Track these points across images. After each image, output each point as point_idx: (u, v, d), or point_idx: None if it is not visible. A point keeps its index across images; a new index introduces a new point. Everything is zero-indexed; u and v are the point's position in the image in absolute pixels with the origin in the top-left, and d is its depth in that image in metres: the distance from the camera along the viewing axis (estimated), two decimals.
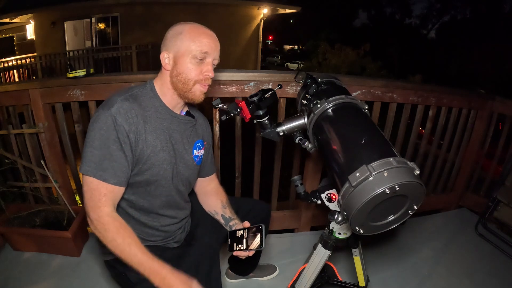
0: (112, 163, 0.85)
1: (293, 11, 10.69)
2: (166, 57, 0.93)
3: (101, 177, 0.84)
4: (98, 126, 0.85)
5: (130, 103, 0.89)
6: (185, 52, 0.91)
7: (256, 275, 1.58)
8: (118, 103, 0.87)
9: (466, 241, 1.98)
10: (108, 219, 0.84)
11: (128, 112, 0.87)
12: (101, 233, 0.84)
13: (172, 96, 0.97)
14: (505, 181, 1.90)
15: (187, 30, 0.92)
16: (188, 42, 0.91)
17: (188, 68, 0.92)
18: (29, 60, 7.55)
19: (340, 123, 0.88)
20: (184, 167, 1.02)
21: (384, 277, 1.63)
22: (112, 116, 0.85)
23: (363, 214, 0.68)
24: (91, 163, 0.85)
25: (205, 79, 0.95)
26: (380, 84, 1.76)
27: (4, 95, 1.64)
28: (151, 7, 8.03)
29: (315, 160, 1.75)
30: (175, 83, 0.94)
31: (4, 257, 1.65)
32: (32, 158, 1.72)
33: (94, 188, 0.85)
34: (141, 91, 0.96)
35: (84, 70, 1.55)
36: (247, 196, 1.88)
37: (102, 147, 0.85)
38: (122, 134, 0.86)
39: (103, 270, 1.57)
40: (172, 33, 0.93)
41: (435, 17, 20.68)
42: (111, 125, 0.85)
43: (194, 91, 0.95)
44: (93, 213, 0.84)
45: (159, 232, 1.03)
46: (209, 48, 0.92)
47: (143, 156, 0.91)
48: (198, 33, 0.92)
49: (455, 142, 2.15)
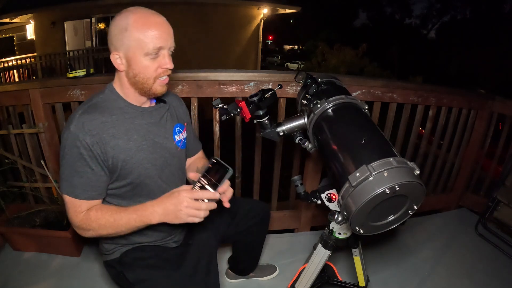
0: (79, 179, 0.86)
1: (293, 11, 10.68)
2: (117, 58, 0.87)
3: (73, 194, 0.87)
4: (62, 146, 0.86)
5: (90, 115, 0.86)
6: (136, 50, 0.83)
7: (256, 275, 1.58)
8: (76, 119, 0.84)
9: (466, 241, 1.98)
10: (85, 217, 0.87)
11: (88, 124, 0.84)
12: (89, 231, 0.88)
13: (134, 95, 0.93)
14: (505, 181, 1.90)
15: (132, 24, 0.82)
16: (136, 37, 0.82)
17: (144, 66, 0.86)
18: (29, 60, 7.56)
19: (340, 123, 0.88)
20: (170, 157, 1.00)
21: (384, 277, 1.63)
22: (72, 134, 0.83)
23: (363, 214, 0.68)
24: (63, 181, 0.87)
25: (164, 72, 0.89)
26: (380, 84, 1.76)
27: (4, 95, 1.64)
28: (151, 7, 7.86)
29: (315, 160, 1.75)
30: (134, 83, 0.89)
31: (4, 257, 1.65)
32: (32, 158, 1.72)
33: (69, 202, 0.88)
34: (101, 97, 0.92)
35: (84, 70, 1.55)
36: (247, 196, 1.88)
37: (68, 165, 0.85)
38: (86, 149, 0.83)
39: (103, 270, 1.57)
40: (116, 30, 0.84)
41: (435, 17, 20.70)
42: (72, 143, 0.83)
43: (156, 88, 0.90)
44: (74, 221, 0.88)
45: (157, 233, 1.03)
46: (162, 41, 0.84)
47: (117, 163, 0.88)
48: (145, 25, 0.82)
49: (455, 142, 2.15)
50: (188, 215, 0.81)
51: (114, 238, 0.99)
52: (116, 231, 0.87)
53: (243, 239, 1.33)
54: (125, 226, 0.86)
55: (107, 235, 0.89)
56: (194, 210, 0.80)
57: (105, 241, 1.02)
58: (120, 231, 0.87)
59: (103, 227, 0.86)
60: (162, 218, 0.83)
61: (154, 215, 0.83)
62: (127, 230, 0.87)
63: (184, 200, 0.80)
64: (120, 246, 1.01)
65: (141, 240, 1.01)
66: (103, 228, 0.86)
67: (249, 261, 1.51)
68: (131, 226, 0.86)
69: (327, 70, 10.70)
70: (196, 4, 8.20)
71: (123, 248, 1.01)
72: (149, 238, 1.02)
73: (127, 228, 0.86)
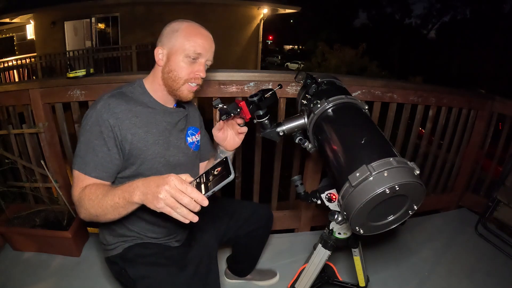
0: (94, 157, 0.87)
1: (293, 11, 10.69)
2: (160, 53, 0.95)
3: (83, 170, 0.87)
4: (84, 123, 0.89)
5: (117, 99, 0.91)
6: (179, 50, 0.93)
7: (254, 278, 1.57)
8: (104, 100, 0.90)
9: (466, 241, 1.98)
10: (82, 192, 0.85)
11: (114, 107, 0.89)
12: (81, 209, 0.84)
13: (162, 93, 0.99)
14: (505, 181, 1.90)
15: (183, 28, 0.93)
16: (183, 40, 0.92)
17: (180, 66, 0.93)
18: (29, 60, 7.55)
19: (340, 123, 0.88)
20: (182, 156, 1.04)
21: (384, 277, 1.63)
22: (97, 112, 0.88)
23: (363, 214, 0.68)
24: (78, 157, 0.88)
25: (195, 79, 0.96)
26: (380, 84, 1.76)
27: (4, 95, 1.64)
28: (151, 7, 8.03)
29: (315, 160, 1.75)
30: (166, 79, 0.96)
31: (4, 257, 1.65)
32: (32, 158, 1.72)
33: (76, 177, 0.88)
34: (129, 89, 0.98)
35: (84, 70, 1.55)
36: (247, 196, 1.88)
37: (86, 142, 0.88)
38: (107, 129, 0.87)
39: (103, 270, 1.57)
40: (168, 29, 0.95)
41: (435, 17, 20.71)
42: (95, 121, 0.87)
43: (183, 90, 0.97)
44: (73, 195, 0.87)
45: (160, 229, 1.03)
46: (203, 49, 0.94)
47: (133, 150, 0.92)
48: (193, 33, 0.93)
49: (455, 142, 2.15)
50: (165, 201, 0.70)
51: (117, 230, 1.00)
52: (102, 210, 0.79)
53: (244, 242, 1.34)
54: (110, 203, 0.78)
55: (95, 217, 0.82)
56: (173, 200, 0.70)
57: (108, 233, 1.03)
58: (106, 211, 0.79)
59: (91, 203, 0.81)
60: (142, 197, 0.73)
61: (136, 191, 0.74)
62: (113, 211, 0.78)
63: (170, 183, 0.70)
64: (122, 242, 1.01)
65: (144, 235, 1.02)
66: (91, 205, 0.81)
67: (247, 262, 1.51)
68: (115, 204, 0.77)
69: (327, 70, 10.71)
70: (196, 4, 8.21)
71: (125, 243, 1.01)
72: (152, 234, 1.03)
73: (112, 206, 0.78)
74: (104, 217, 0.81)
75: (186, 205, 0.70)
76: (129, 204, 0.76)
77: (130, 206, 0.77)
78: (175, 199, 0.70)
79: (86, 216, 0.84)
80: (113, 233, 1.02)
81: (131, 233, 1.01)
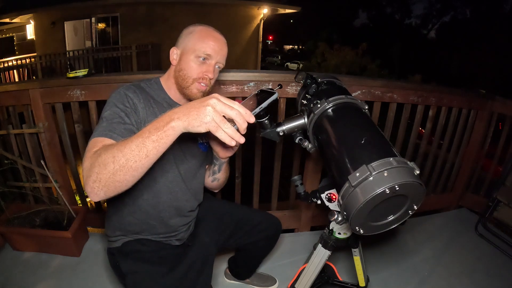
0: (120, 125, 0.83)
1: (293, 11, 10.68)
2: (175, 53, 1.00)
3: (107, 135, 0.79)
4: (108, 101, 0.90)
5: (137, 88, 0.96)
6: (190, 50, 0.96)
7: (252, 282, 1.56)
8: (125, 85, 0.95)
9: (466, 241, 1.98)
10: (97, 151, 0.72)
11: (134, 89, 0.94)
12: (95, 168, 0.68)
13: (175, 90, 1.02)
14: (505, 181, 1.90)
15: (197, 31, 0.98)
16: (195, 41, 0.96)
17: (189, 66, 0.97)
18: (29, 60, 7.54)
19: (340, 123, 0.88)
20: (190, 154, 1.06)
21: (384, 277, 1.63)
22: (121, 90, 0.92)
23: (363, 214, 0.68)
24: (100, 128, 0.81)
25: (204, 79, 0.98)
26: (380, 84, 1.76)
27: (4, 95, 1.64)
28: (151, 7, 8.03)
29: (315, 160, 1.75)
30: (177, 77, 0.99)
31: (4, 257, 1.65)
32: (32, 158, 1.72)
33: (95, 141, 0.77)
34: (146, 84, 1.02)
35: (84, 70, 1.55)
36: (247, 196, 1.88)
37: (112, 115, 0.86)
38: (129, 104, 0.90)
39: (103, 270, 1.57)
40: (185, 31, 1.00)
41: (435, 17, 20.72)
42: (119, 98, 0.90)
43: (192, 89, 0.98)
44: (86, 159, 0.73)
45: (162, 226, 1.04)
46: (213, 51, 0.96)
47: None
48: (206, 35, 0.97)
49: (455, 142, 2.15)
50: (212, 115, 0.63)
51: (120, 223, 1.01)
52: (123, 155, 0.66)
53: (247, 249, 1.35)
54: (135, 142, 0.66)
55: (111, 175, 0.66)
56: (219, 115, 0.63)
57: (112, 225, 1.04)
58: (128, 154, 0.66)
59: (110, 149, 0.68)
60: (184, 116, 0.64)
61: (175, 113, 0.66)
62: (138, 151, 0.66)
63: (216, 96, 0.65)
64: (123, 236, 1.03)
65: (146, 231, 1.03)
66: (110, 152, 0.68)
67: (246, 268, 1.51)
68: (143, 139, 0.66)
69: (327, 70, 10.71)
70: (196, 4, 8.20)
71: (125, 238, 1.03)
72: (153, 231, 1.03)
73: (137, 145, 0.66)
74: (123, 169, 0.66)
75: (235, 117, 0.64)
76: (165, 133, 0.65)
77: (165, 135, 0.65)
78: (223, 112, 0.64)
79: (98, 177, 0.67)
80: (116, 225, 1.04)
81: (133, 228, 1.02)
